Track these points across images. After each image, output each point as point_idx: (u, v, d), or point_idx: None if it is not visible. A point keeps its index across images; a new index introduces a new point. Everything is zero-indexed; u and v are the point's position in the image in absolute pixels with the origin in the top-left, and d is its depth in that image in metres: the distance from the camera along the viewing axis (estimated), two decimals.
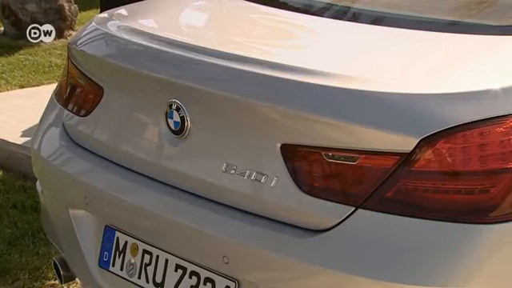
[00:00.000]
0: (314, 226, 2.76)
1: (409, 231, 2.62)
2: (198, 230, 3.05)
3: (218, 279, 3.00)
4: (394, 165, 2.65)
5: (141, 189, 3.27)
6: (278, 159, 2.80)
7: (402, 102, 2.66)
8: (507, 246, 2.59)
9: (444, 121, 2.58)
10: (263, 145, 2.88)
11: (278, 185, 2.81)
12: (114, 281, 3.35)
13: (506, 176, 2.58)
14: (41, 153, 3.69)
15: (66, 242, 3.59)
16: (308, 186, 2.79)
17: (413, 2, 3.70)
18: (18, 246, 4.79)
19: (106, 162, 3.44)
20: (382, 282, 2.59)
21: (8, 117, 6.26)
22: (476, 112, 2.60)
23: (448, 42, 3.11)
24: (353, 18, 3.50)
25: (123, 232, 3.32)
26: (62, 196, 3.60)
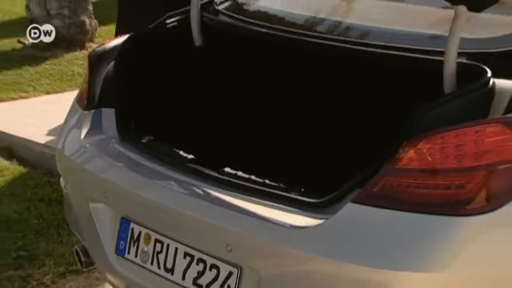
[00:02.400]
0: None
1: (394, 223, 2.65)
2: (204, 222, 3.07)
3: (222, 266, 3.01)
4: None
5: (154, 185, 3.29)
6: None
7: None
8: (481, 236, 2.61)
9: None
10: None
11: None
12: (128, 266, 3.36)
13: (479, 173, 2.60)
14: (64, 151, 3.69)
15: (86, 231, 3.60)
16: None
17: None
18: (44, 235, 4.79)
19: (123, 159, 3.48)
20: (373, 268, 2.62)
21: (35, 120, 6.26)
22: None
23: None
24: None
25: (137, 223, 3.33)
26: (83, 191, 3.60)
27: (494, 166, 2.62)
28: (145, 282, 3.33)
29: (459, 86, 2.83)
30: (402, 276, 2.61)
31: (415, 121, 2.70)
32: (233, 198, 3.06)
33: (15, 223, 4.99)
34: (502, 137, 2.64)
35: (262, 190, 3.06)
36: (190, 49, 3.85)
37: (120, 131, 3.58)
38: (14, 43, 9.35)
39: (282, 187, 3.07)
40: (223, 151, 3.46)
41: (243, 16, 3.76)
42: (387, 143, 2.74)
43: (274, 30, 3.55)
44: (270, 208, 2.94)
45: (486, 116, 2.69)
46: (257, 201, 3.00)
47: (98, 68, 3.74)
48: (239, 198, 3.05)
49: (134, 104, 3.65)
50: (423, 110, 2.71)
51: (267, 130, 3.72)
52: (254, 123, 3.77)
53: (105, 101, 3.68)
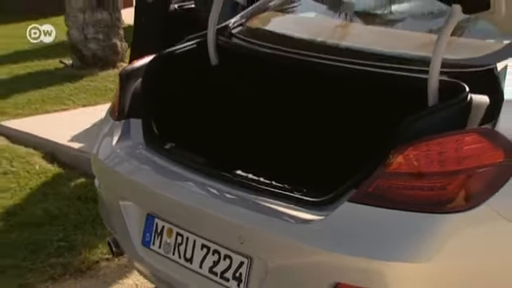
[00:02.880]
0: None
1: (385, 219, 2.64)
2: (219, 217, 3.06)
3: (234, 256, 3.00)
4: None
5: (176, 185, 3.27)
6: None
7: None
8: (461, 231, 2.60)
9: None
10: None
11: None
12: (153, 256, 3.34)
13: (459, 176, 2.60)
14: (98, 156, 3.68)
15: (117, 225, 3.59)
16: None
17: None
18: (81, 229, 4.79)
19: (148, 163, 3.46)
20: (366, 259, 2.61)
21: (74, 129, 6.26)
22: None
23: None
24: None
25: (161, 219, 3.32)
26: (115, 190, 3.59)
27: (471, 170, 2.62)
28: (167, 270, 3.31)
29: (441, 100, 2.82)
30: (392, 266, 2.59)
31: (403, 130, 2.70)
32: (244, 197, 3.05)
33: (57, 218, 4.98)
34: (478, 145, 2.63)
35: (270, 190, 3.04)
36: (206, 67, 3.84)
37: (146, 138, 3.56)
38: (56, 63, 9.33)
39: (286, 187, 3.05)
40: (235, 156, 3.43)
41: (253, 39, 3.75)
42: (379, 149, 2.72)
43: (279, 51, 3.54)
44: (276, 206, 2.93)
45: (465, 126, 2.68)
46: (265, 199, 2.98)
47: (127, 84, 3.74)
48: (249, 197, 3.03)
49: (158, 115, 3.63)
50: (410, 121, 2.71)
51: (274, 137, 3.70)
52: (262, 131, 3.75)
53: (133, 112, 3.67)
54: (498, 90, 2.75)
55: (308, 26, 3.87)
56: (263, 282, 2.91)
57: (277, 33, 3.79)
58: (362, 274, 2.64)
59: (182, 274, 3.22)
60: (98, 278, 4.36)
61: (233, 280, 3.01)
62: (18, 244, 4.63)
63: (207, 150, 3.43)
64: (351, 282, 2.66)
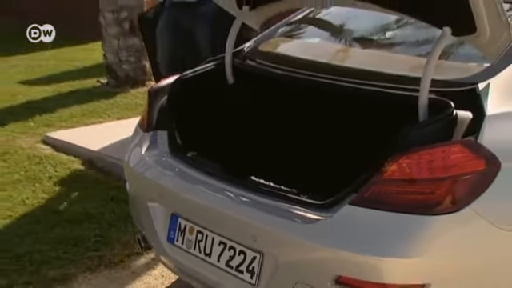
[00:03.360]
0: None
1: (381, 220, 2.63)
2: (234, 218, 3.05)
3: (248, 252, 2.98)
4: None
5: (197, 189, 3.24)
6: None
7: None
8: (447, 231, 2.58)
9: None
10: None
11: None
12: (177, 251, 3.32)
13: (445, 182, 2.59)
14: (130, 163, 3.66)
15: (145, 224, 3.56)
16: None
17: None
18: (115, 226, 4.78)
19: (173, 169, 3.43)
20: (364, 255, 2.60)
21: (108, 139, 6.26)
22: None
23: None
24: None
25: (184, 218, 3.30)
26: (143, 193, 3.57)
27: (456, 177, 2.60)
28: (189, 263, 3.28)
29: (430, 115, 2.81)
30: (386, 261, 2.58)
31: (397, 141, 2.68)
32: (256, 200, 3.03)
33: (94, 217, 4.97)
34: (463, 155, 2.62)
35: (279, 193, 3.03)
36: (224, 86, 3.82)
37: (171, 148, 3.54)
38: (93, 82, 9.33)
39: (294, 191, 3.04)
40: (249, 164, 3.42)
41: (264, 61, 3.75)
42: (376, 159, 2.70)
43: (287, 72, 3.53)
44: (285, 207, 2.91)
45: (451, 138, 2.67)
46: (275, 202, 2.97)
47: (154, 100, 3.73)
48: (261, 200, 3.01)
49: (181, 127, 3.61)
50: (403, 134, 2.69)
51: (284, 147, 3.68)
52: (273, 142, 3.73)
53: (159, 125, 3.65)
54: (480, 107, 2.72)
55: (312, 49, 3.86)
56: (274, 275, 2.89)
57: (285, 55, 3.80)
58: (360, 267, 2.62)
59: (202, 267, 3.20)
60: (129, 269, 4.34)
61: (246, 273, 2.99)
62: (60, 239, 4.61)
63: (224, 159, 3.41)
64: (351, 274, 2.65)
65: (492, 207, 2.62)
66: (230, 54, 3.79)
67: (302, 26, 4.14)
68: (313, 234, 2.74)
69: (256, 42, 3.98)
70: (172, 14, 6.05)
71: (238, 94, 3.81)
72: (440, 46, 2.89)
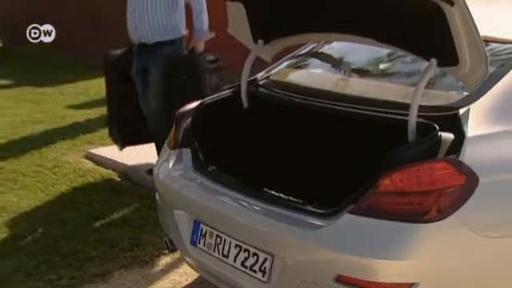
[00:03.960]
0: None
1: (376, 227, 2.61)
2: (249, 224, 3.05)
3: (260, 254, 2.97)
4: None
5: (216, 199, 3.23)
6: None
7: None
8: (433, 237, 2.57)
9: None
10: None
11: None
12: (199, 252, 3.31)
13: (432, 194, 2.58)
14: (159, 176, 3.66)
15: (171, 228, 3.55)
16: None
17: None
18: (145, 230, 4.76)
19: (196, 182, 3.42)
20: (361, 257, 2.59)
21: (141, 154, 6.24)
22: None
23: None
24: None
25: (205, 224, 3.28)
26: (170, 202, 3.56)
27: (441, 190, 2.59)
28: (209, 263, 3.27)
29: (418, 136, 2.80)
30: (381, 262, 2.57)
31: (390, 159, 2.67)
32: (268, 209, 3.02)
33: (128, 222, 4.97)
34: (446, 171, 2.61)
35: (288, 203, 3.01)
36: (239, 109, 3.80)
37: (194, 163, 3.52)
38: None
39: (301, 202, 3.01)
40: (262, 177, 3.38)
41: (275, 88, 3.73)
42: (372, 174, 2.69)
43: (295, 98, 3.51)
44: (292, 216, 2.90)
45: (436, 156, 2.67)
46: (284, 211, 2.96)
47: (180, 123, 3.73)
48: (272, 209, 3.00)
49: (203, 145, 3.59)
50: (395, 152, 2.69)
51: (292, 163, 3.66)
52: (282, 158, 3.71)
53: (184, 143, 3.64)
54: (460, 129, 2.70)
55: (317, 79, 3.87)
56: (282, 274, 2.87)
57: (293, 84, 3.76)
58: (358, 268, 2.60)
59: (221, 266, 3.18)
60: (158, 267, 4.31)
61: (259, 272, 2.97)
62: (100, 240, 4.61)
63: (240, 173, 3.38)
64: (350, 274, 2.63)
65: (472, 216, 2.60)
66: (245, 82, 3.77)
67: (307, 59, 4.14)
68: (316, 239, 2.73)
69: (268, 72, 3.97)
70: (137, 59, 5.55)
71: (252, 116, 3.79)
72: (427, 76, 2.88)
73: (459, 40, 2.74)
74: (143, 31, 5.33)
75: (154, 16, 5.28)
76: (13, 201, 5.40)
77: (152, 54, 5.34)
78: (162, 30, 5.33)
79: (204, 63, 5.33)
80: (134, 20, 5.37)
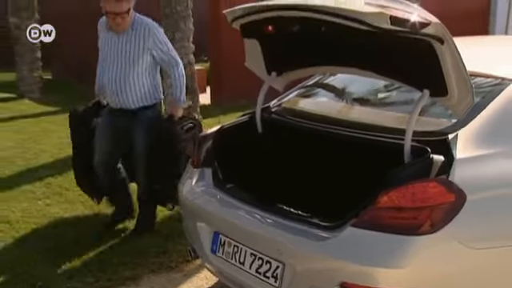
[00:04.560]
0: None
1: (376, 239, 2.62)
2: (263, 235, 3.05)
3: (273, 262, 2.97)
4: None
5: (234, 213, 3.25)
6: None
7: None
8: (426, 248, 2.57)
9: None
10: None
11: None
12: (218, 260, 3.30)
13: (425, 210, 2.58)
14: (183, 192, 3.68)
15: (194, 238, 3.55)
16: None
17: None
18: (171, 239, 4.76)
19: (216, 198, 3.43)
20: (363, 266, 2.60)
21: None
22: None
23: None
24: None
25: (224, 235, 3.28)
26: (193, 215, 3.57)
27: (433, 206, 2.60)
28: (227, 269, 3.27)
29: (413, 158, 2.81)
30: (380, 270, 2.58)
31: (388, 179, 2.68)
32: (280, 222, 3.02)
33: (155, 233, 4.95)
34: (437, 189, 2.63)
35: (298, 217, 3.04)
36: (255, 133, 3.82)
37: (214, 181, 3.54)
38: None
39: (309, 216, 3.03)
40: (275, 194, 3.38)
41: (286, 114, 3.75)
42: (371, 191, 2.69)
43: (303, 123, 3.54)
44: (301, 228, 2.91)
45: (428, 176, 2.67)
46: (294, 223, 2.97)
47: (202, 144, 3.73)
48: (283, 222, 3.01)
49: (222, 165, 3.61)
50: (392, 172, 2.70)
51: (301, 181, 3.64)
52: (292, 177, 3.70)
53: (206, 163, 3.65)
54: (450, 152, 2.71)
55: (323, 106, 3.85)
56: (292, 280, 2.87)
57: (302, 111, 3.74)
58: (360, 275, 2.61)
59: (238, 273, 3.18)
60: (182, 272, 4.32)
61: (272, 278, 2.97)
62: (132, 248, 4.62)
63: (255, 189, 3.39)
64: (353, 280, 2.63)
65: (460, 230, 2.60)
66: (260, 110, 3.80)
67: (314, 89, 4.14)
68: (323, 249, 2.74)
69: (279, 100, 3.98)
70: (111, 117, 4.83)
71: (266, 140, 3.80)
72: (420, 105, 2.91)
73: (448, 74, 2.77)
74: (125, 98, 4.67)
75: (137, 83, 4.64)
76: (58, 213, 5.43)
77: (134, 118, 4.72)
78: (144, 96, 4.70)
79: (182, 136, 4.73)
80: (114, 87, 4.66)
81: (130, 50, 4.58)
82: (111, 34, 4.64)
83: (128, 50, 4.58)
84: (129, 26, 4.57)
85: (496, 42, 4.80)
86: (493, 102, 2.98)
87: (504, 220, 2.75)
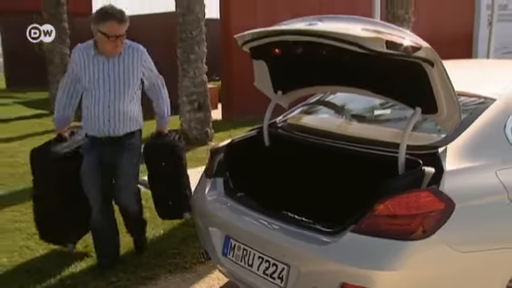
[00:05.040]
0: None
1: (373, 244, 2.61)
2: (270, 240, 3.04)
3: (279, 264, 2.95)
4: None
5: (243, 219, 3.24)
6: None
7: None
8: (419, 252, 2.56)
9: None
10: None
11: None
12: (229, 262, 3.29)
13: (418, 217, 2.57)
14: (196, 199, 3.68)
15: (207, 242, 3.53)
16: None
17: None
18: (186, 242, 4.76)
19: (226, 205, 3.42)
20: (361, 269, 2.59)
21: None
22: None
23: None
24: None
25: (234, 239, 3.27)
26: (206, 220, 3.55)
27: (425, 213, 2.58)
28: (237, 270, 3.25)
29: (406, 170, 2.81)
30: (377, 272, 2.57)
31: (384, 188, 2.67)
32: (285, 227, 3.01)
33: (172, 235, 4.97)
34: (429, 198, 2.61)
35: (301, 223, 3.01)
36: (262, 146, 3.82)
37: (225, 190, 3.54)
38: None
39: (312, 222, 3.00)
40: (281, 202, 3.36)
41: (291, 129, 3.76)
42: (369, 200, 2.69)
43: (306, 137, 3.54)
44: (305, 233, 2.90)
45: (420, 186, 2.67)
46: (298, 229, 2.95)
47: (214, 156, 3.74)
48: (288, 227, 3.00)
49: (233, 175, 3.61)
50: (388, 183, 2.70)
51: (305, 190, 3.63)
52: (297, 186, 3.69)
53: (218, 173, 3.65)
54: (440, 165, 2.71)
55: (324, 122, 3.87)
56: (297, 281, 2.85)
57: (305, 126, 3.75)
58: (359, 277, 2.59)
59: (246, 274, 3.16)
60: (195, 272, 4.30)
61: (278, 279, 2.96)
62: (150, 251, 4.62)
63: (263, 198, 3.38)
64: (352, 282, 2.61)
65: (449, 235, 2.59)
66: (267, 125, 3.80)
67: (316, 106, 4.15)
68: (324, 253, 2.73)
69: (285, 117, 3.99)
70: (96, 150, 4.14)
71: (273, 153, 3.79)
72: (413, 121, 2.91)
73: (438, 93, 2.78)
74: (116, 124, 4.07)
75: (128, 107, 4.08)
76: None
77: (120, 145, 4.13)
78: (133, 122, 4.15)
79: (180, 142, 4.54)
80: (107, 113, 4.03)
81: (122, 73, 4.05)
82: (100, 59, 4.04)
83: (121, 72, 4.05)
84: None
85: (479, 65, 4.80)
86: (477, 119, 2.98)
87: (488, 226, 2.74)
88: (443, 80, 2.72)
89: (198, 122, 9.06)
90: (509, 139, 2.95)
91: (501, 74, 3.90)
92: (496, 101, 3.09)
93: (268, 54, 3.38)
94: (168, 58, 9.16)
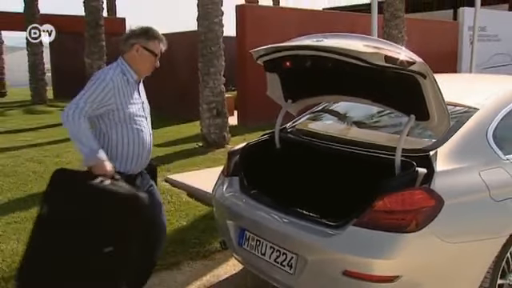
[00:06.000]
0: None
1: (373, 236, 2.60)
2: (280, 232, 3.03)
3: (288, 253, 2.96)
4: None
5: (257, 213, 3.23)
6: None
7: None
8: (413, 243, 2.56)
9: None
10: None
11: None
12: (243, 251, 3.30)
13: (411, 213, 2.57)
14: (215, 196, 3.67)
15: (224, 233, 3.54)
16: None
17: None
18: (206, 233, 4.75)
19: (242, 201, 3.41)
20: (362, 257, 2.60)
21: (201, 179, 6.26)
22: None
23: None
24: None
25: (248, 231, 3.28)
26: (223, 214, 3.55)
27: (418, 209, 2.59)
28: (251, 259, 3.25)
29: (402, 171, 2.80)
30: (375, 261, 2.57)
31: (382, 187, 2.67)
32: (294, 221, 3.01)
33: (193, 227, 4.96)
34: (422, 196, 2.62)
35: (309, 217, 3.00)
36: (274, 149, 3.81)
37: (240, 187, 3.53)
38: (194, 145, 9.25)
39: (318, 216, 3.00)
40: (290, 198, 3.34)
41: (299, 134, 3.76)
42: (369, 197, 2.68)
43: (313, 141, 3.53)
44: (312, 226, 2.90)
45: (414, 185, 2.66)
46: (305, 222, 2.95)
47: (231, 157, 3.74)
48: (297, 221, 3.00)
49: (247, 174, 3.60)
50: (386, 182, 2.69)
51: (311, 187, 3.62)
52: (304, 184, 3.68)
53: (234, 173, 3.65)
54: (431, 166, 2.71)
55: (328, 127, 3.87)
56: (304, 268, 2.85)
57: (312, 131, 3.76)
58: (359, 264, 2.60)
59: (259, 262, 3.16)
60: (214, 260, 4.31)
61: (287, 266, 2.96)
62: (174, 240, 4.60)
63: (274, 194, 3.37)
64: (354, 269, 2.62)
65: (439, 228, 2.59)
66: (278, 130, 3.80)
67: (322, 113, 4.15)
68: (329, 244, 2.73)
69: (294, 123, 3.98)
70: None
71: (283, 154, 3.79)
72: (408, 127, 2.91)
73: (430, 102, 2.78)
74: (148, 157, 3.25)
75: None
76: None
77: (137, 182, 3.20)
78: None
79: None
80: (148, 147, 3.20)
81: (145, 98, 3.29)
82: (134, 85, 3.15)
83: (145, 98, 3.28)
84: None
85: (463, 79, 4.81)
86: (463, 125, 3.00)
87: (472, 220, 2.75)
88: (434, 91, 2.73)
89: (216, 127, 9.06)
90: (490, 144, 2.97)
91: (483, 86, 3.94)
92: (479, 110, 3.12)
93: (280, 66, 3.39)
94: (190, 71, 9.15)
